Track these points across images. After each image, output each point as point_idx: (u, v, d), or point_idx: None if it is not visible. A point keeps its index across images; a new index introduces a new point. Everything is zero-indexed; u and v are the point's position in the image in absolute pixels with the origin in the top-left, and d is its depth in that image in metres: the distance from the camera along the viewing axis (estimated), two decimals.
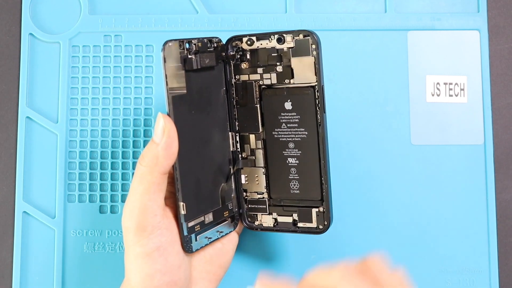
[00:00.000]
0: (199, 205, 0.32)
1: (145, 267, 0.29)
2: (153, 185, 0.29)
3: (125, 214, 0.30)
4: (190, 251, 0.31)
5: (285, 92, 0.33)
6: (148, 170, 0.29)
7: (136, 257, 0.29)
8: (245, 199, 0.35)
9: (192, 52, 0.31)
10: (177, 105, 0.30)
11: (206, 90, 0.33)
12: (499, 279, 0.39)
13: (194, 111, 0.32)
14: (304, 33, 0.32)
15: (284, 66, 0.33)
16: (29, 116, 0.40)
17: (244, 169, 0.35)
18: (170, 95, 0.30)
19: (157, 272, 0.29)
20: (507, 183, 0.40)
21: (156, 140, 0.29)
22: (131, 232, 0.29)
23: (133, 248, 0.29)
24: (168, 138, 0.29)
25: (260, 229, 0.35)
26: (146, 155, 0.30)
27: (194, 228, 0.32)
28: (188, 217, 0.31)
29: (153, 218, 0.29)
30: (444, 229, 0.39)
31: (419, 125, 0.40)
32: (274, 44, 0.33)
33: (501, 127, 0.41)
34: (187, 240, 0.31)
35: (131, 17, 0.41)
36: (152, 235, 0.29)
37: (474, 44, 0.41)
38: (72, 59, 0.40)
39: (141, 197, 0.29)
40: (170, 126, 0.29)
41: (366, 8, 0.41)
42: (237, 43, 0.34)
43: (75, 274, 0.39)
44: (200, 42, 0.32)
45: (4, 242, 0.39)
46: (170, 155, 0.29)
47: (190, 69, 0.31)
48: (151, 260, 0.29)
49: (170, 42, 0.30)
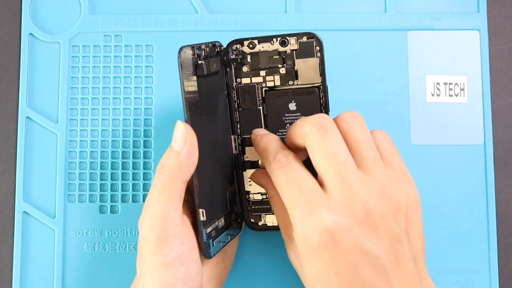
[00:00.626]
0: (213, 211, 0.32)
1: (166, 276, 0.29)
2: (175, 194, 0.29)
3: (146, 224, 0.29)
4: (209, 256, 0.31)
5: (290, 93, 0.34)
6: (170, 179, 0.29)
7: (158, 267, 0.29)
8: (248, 200, 0.35)
9: (201, 58, 0.31)
10: (193, 111, 0.30)
11: (213, 95, 0.33)
12: (499, 279, 0.39)
13: (205, 116, 0.32)
14: (308, 36, 0.33)
15: (288, 67, 0.34)
16: (29, 116, 0.40)
17: (247, 171, 0.35)
18: (187, 101, 0.30)
19: (178, 281, 0.29)
20: (507, 183, 0.40)
21: (176, 148, 0.29)
22: (152, 243, 0.29)
23: (154, 258, 0.29)
24: (190, 147, 0.29)
25: (264, 229, 0.35)
26: (166, 164, 0.29)
27: (211, 233, 0.32)
28: (206, 223, 0.31)
29: (174, 227, 0.29)
30: (444, 229, 0.39)
31: (419, 125, 0.40)
32: (276, 46, 0.34)
33: (501, 127, 0.41)
34: (207, 246, 0.31)
35: (131, 17, 0.41)
36: (174, 244, 0.29)
37: (474, 44, 0.41)
38: (72, 59, 0.40)
39: (163, 207, 0.29)
40: (192, 134, 0.29)
41: (366, 8, 0.41)
42: (238, 46, 0.34)
43: (75, 274, 0.39)
44: (207, 47, 0.32)
45: (4, 242, 0.39)
46: (192, 163, 0.29)
47: (201, 74, 0.31)
48: (173, 269, 0.29)
49: (185, 48, 0.30)
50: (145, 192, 0.39)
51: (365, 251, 0.26)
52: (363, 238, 0.26)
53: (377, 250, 0.26)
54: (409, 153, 0.40)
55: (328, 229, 0.26)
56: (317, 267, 0.27)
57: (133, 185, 0.39)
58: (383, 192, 0.27)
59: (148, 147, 0.40)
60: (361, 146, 0.29)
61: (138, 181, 0.39)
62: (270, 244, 0.39)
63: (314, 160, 0.28)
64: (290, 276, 0.38)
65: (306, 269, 0.27)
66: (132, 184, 0.39)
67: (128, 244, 0.39)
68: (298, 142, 0.29)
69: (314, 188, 0.27)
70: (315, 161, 0.28)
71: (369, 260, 0.26)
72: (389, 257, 0.26)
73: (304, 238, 0.27)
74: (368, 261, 0.26)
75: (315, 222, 0.26)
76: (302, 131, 0.29)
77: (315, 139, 0.28)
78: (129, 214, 0.39)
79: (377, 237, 0.26)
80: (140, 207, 0.39)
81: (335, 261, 0.26)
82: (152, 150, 0.40)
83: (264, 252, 0.39)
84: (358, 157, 0.28)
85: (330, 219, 0.26)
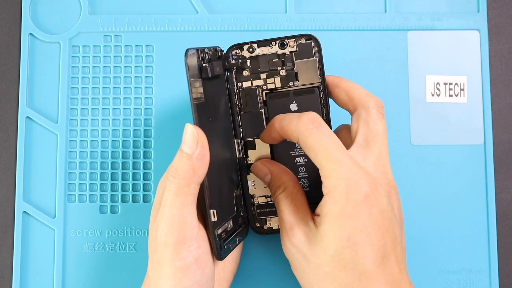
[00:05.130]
0: (223, 213, 0.32)
1: (184, 280, 0.29)
2: (190, 196, 0.29)
3: (163, 229, 0.29)
4: (221, 258, 0.31)
5: (291, 94, 0.34)
6: (185, 182, 0.29)
7: (175, 271, 0.29)
8: (253, 204, 0.36)
9: (205, 61, 0.32)
10: (200, 113, 0.30)
11: (216, 98, 0.33)
12: (499, 279, 0.39)
13: (211, 118, 0.32)
14: (306, 37, 0.34)
15: (288, 69, 0.34)
16: (29, 116, 0.40)
17: (250, 174, 0.35)
18: (195, 103, 0.30)
19: (195, 284, 0.29)
20: (507, 183, 0.40)
21: (187, 151, 0.29)
22: (169, 247, 0.29)
23: (172, 262, 0.29)
24: (202, 148, 0.29)
25: (270, 233, 0.36)
26: (180, 168, 0.29)
27: (222, 235, 0.32)
28: (217, 224, 0.31)
29: (191, 230, 0.29)
30: (444, 229, 0.39)
31: (419, 125, 0.40)
32: (276, 49, 0.34)
33: (501, 127, 0.41)
34: (218, 247, 0.31)
35: (131, 17, 0.41)
36: (191, 247, 0.29)
37: (474, 44, 0.41)
38: (72, 59, 0.40)
39: (179, 211, 0.29)
40: (202, 136, 0.29)
41: (366, 8, 0.41)
42: (237, 51, 0.34)
43: (75, 274, 0.39)
44: (210, 50, 0.32)
45: (4, 242, 0.39)
46: (205, 164, 0.29)
47: (206, 77, 0.31)
48: (191, 273, 0.29)
49: (191, 50, 0.30)
50: (145, 192, 0.39)
51: (389, 218, 0.29)
52: (389, 208, 0.29)
53: (395, 222, 0.30)
54: (409, 153, 0.40)
55: (373, 188, 0.29)
56: (353, 226, 0.28)
57: (133, 185, 0.39)
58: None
59: (148, 147, 0.40)
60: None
61: (138, 181, 0.39)
62: (276, 247, 0.39)
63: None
64: (296, 279, 0.38)
65: (337, 232, 0.29)
66: (132, 184, 0.39)
67: (128, 244, 0.39)
68: (292, 137, 0.31)
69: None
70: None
71: (391, 228, 0.29)
72: (399, 231, 0.30)
73: (347, 195, 0.28)
74: (390, 228, 0.29)
75: (362, 181, 0.29)
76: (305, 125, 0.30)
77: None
78: (129, 214, 0.39)
79: (395, 211, 0.31)
80: (140, 207, 0.39)
81: (371, 220, 0.28)
82: (152, 150, 0.40)
83: (269, 255, 0.39)
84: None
85: (370, 182, 0.29)
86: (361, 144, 0.31)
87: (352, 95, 0.33)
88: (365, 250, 0.28)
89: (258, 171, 0.34)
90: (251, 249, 0.39)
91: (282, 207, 0.32)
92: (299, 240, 0.30)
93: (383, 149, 0.31)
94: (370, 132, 0.31)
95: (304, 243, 0.30)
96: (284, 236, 0.32)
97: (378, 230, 0.29)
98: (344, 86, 0.33)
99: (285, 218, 0.32)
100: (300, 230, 0.31)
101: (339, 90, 0.33)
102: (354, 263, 0.28)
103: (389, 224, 0.29)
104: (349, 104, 0.33)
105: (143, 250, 0.39)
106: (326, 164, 0.29)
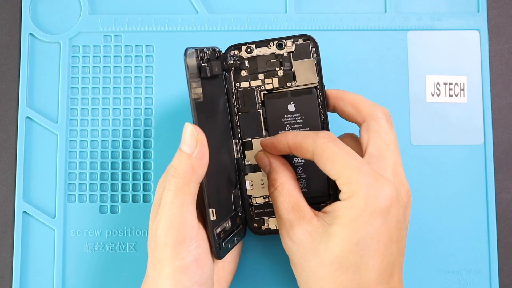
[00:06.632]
0: (221, 212, 0.32)
1: (184, 280, 0.29)
2: (189, 196, 0.29)
3: (162, 228, 0.29)
4: (220, 257, 0.31)
5: (288, 95, 0.34)
6: (185, 182, 0.29)
7: (175, 271, 0.29)
8: (251, 204, 0.36)
9: (204, 60, 0.32)
10: (200, 112, 0.30)
11: (214, 98, 0.33)
12: (499, 279, 0.39)
13: (209, 118, 0.32)
14: (304, 38, 0.34)
15: (286, 69, 0.34)
16: (29, 116, 0.40)
17: (248, 175, 0.35)
18: (194, 102, 0.30)
19: (195, 284, 0.29)
20: (507, 183, 0.40)
21: (187, 150, 0.29)
22: (169, 247, 0.29)
23: (171, 262, 0.29)
24: (201, 147, 0.29)
25: (268, 233, 0.35)
26: (179, 167, 0.29)
27: (220, 234, 0.32)
28: (216, 223, 0.31)
29: (191, 230, 0.29)
30: (444, 229, 0.39)
31: (419, 125, 0.40)
32: (273, 50, 0.34)
33: (501, 127, 0.41)
34: (217, 246, 0.31)
35: (131, 17, 0.41)
36: (191, 247, 0.29)
37: (474, 44, 0.41)
38: (72, 59, 0.40)
39: (179, 210, 0.29)
40: (202, 135, 0.29)
41: (366, 8, 0.41)
42: (235, 52, 0.34)
43: (75, 274, 0.39)
44: (208, 50, 0.32)
45: (4, 242, 0.39)
46: (204, 163, 0.29)
47: (204, 76, 0.31)
48: (190, 272, 0.29)
49: (190, 49, 0.30)
50: (145, 192, 0.39)
51: (400, 229, 0.30)
52: (403, 218, 0.30)
53: (404, 233, 0.30)
54: (409, 153, 0.40)
55: (391, 197, 0.29)
56: (365, 232, 0.28)
57: (133, 185, 0.39)
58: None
59: (148, 147, 0.40)
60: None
61: (138, 181, 0.39)
62: (275, 248, 0.39)
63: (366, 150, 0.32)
64: (295, 279, 0.38)
65: (348, 235, 0.29)
66: (132, 184, 0.39)
67: (128, 244, 0.39)
68: (307, 154, 0.31)
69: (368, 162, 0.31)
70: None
71: (400, 238, 0.30)
72: (405, 241, 0.31)
73: (366, 202, 0.29)
74: (400, 239, 0.30)
75: (386, 188, 0.29)
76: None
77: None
78: (129, 214, 0.39)
79: (406, 222, 0.31)
80: (140, 207, 0.39)
81: (384, 229, 0.29)
82: (152, 150, 0.40)
83: (268, 256, 0.39)
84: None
85: (392, 190, 0.29)
86: (374, 154, 0.31)
87: (359, 106, 0.33)
88: (371, 257, 0.28)
89: (259, 160, 0.34)
90: (250, 249, 0.39)
91: (279, 203, 0.32)
92: (300, 238, 0.30)
93: (396, 158, 0.32)
94: (382, 142, 0.32)
95: (305, 241, 0.30)
96: (284, 233, 0.31)
97: (388, 239, 0.29)
98: (349, 99, 0.33)
99: (284, 214, 0.32)
100: (301, 228, 0.30)
101: (344, 103, 0.33)
102: (357, 268, 0.28)
103: (399, 234, 0.29)
104: (356, 116, 0.33)
105: (143, 250, 0.39)
106: (345, 171, 0.29)
